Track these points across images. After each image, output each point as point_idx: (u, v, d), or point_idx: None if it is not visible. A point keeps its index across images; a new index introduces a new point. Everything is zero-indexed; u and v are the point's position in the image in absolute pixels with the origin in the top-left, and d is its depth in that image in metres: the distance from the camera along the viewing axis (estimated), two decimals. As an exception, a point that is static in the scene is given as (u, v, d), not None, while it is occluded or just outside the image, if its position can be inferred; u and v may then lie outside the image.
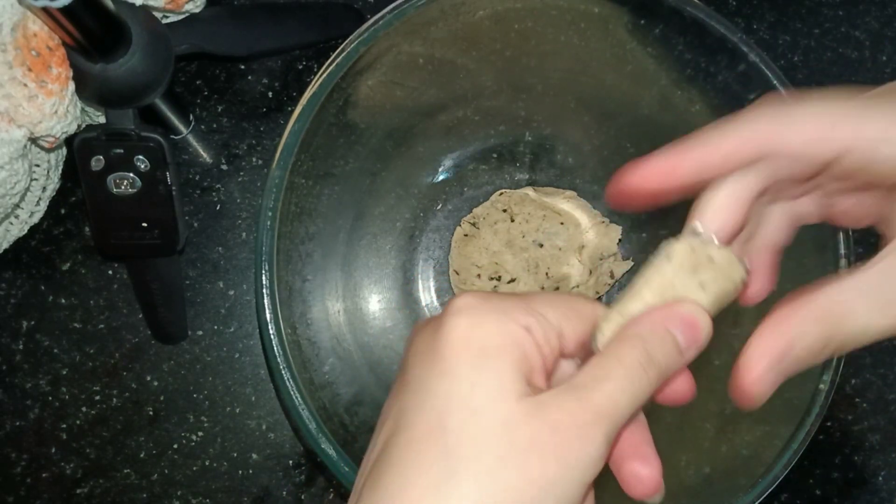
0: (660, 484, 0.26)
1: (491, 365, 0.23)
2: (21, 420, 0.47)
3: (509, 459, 0.22)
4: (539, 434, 0.22)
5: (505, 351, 0.23)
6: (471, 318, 0.24)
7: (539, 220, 0.47)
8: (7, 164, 0.37)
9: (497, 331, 0.24)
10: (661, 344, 0.24)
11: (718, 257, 0.25)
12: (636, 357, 0.23)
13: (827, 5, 0.51)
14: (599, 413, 0.22)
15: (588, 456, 0.22)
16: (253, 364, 0.48)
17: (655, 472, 0.26)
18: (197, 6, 0.43)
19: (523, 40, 0.41)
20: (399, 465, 0.23)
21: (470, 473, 0.22)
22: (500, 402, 0.22)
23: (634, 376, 0.23)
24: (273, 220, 0.36)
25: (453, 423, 0.22)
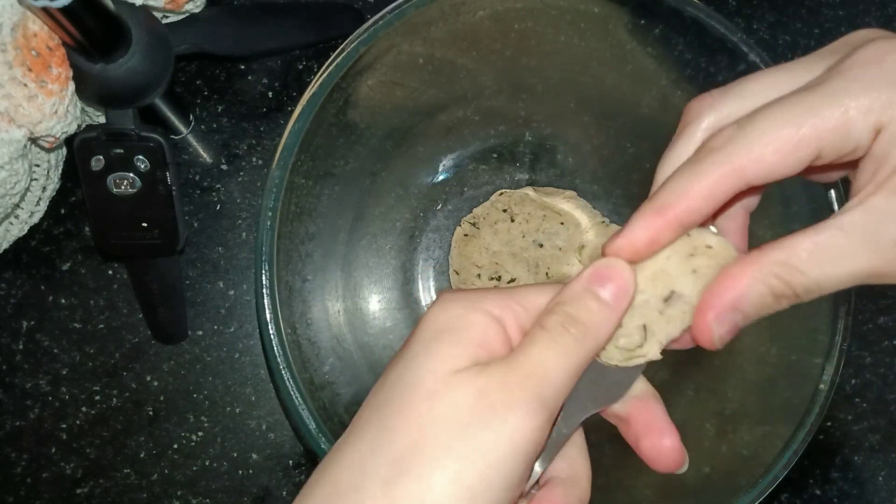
0: (683, 453, 0.26)
1: (439, 344, 0.24)
2: (21, 420, 0.47)
3: (431, 429, 0.22)
4: (463, 401, 0.22)
5: (459, 333, 0.24)
6: (441, 305, 0.25)
7: (539, 220, 0.47)
8: (7, 164, 0.37)
9: (458, 315, 0.24)
10: (579, 302, 0.24)
11: (716, 245, 0.25)
12: (556, 320, 0.24)
13: (827, 5, 0.51)
14: (526, 374, 0.23)
15: (517, 419, 0.22)
16: (253, 364, 0.48)
17: (676, 442, 0.26)
18: (197, 6, 0.43)
19: (523, 40, 0.41)
20: (338, 449, 0.24)
21: (394, 445, 0.22)
22: (434, 374, 0.23)
23: (557, 337, 0.23)
24: (273, 220, 0.36)
25: (393, 400, 0.23)
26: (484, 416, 0.22)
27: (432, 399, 0.22)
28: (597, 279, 0.24)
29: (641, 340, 0.25)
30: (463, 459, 0.22)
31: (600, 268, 0.24)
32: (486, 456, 0.22)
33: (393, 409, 0.23)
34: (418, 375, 0.23)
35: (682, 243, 0.25)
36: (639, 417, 0.26)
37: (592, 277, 0.24)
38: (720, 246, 0.25)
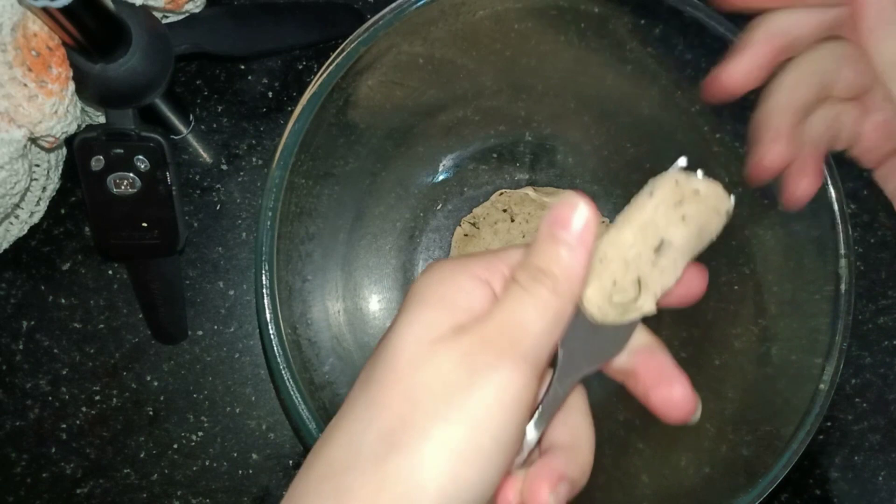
0: (695, 400, 0.25)
1: (420, 310, 0.23)
2: (21, 420, 0.47)
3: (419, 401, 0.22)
4: (444, 366, 0.22)
5: (441, 298, 0.23)
6: (428, 273, 0.24)
7: (539, 220, 0.47)
8: (7, 164, 0.37)
9: (443, 281, 0.24)
10: (544, 251, 0.23)
11: (704, 189, 0.25)
12: (527, 274, 0.23)
13: (827, 5, 0.51)
14: (504, 331, 0.22)
15: (501, 377, 0.22)
16: (253, 364, 0.48)
17: (687, 389, 0.25)
18: (197, 6, 0.42)
19: (523, 40, 0.41)
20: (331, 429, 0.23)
21: (383, 420, 0.22)
22: (415, 342, 0.23)
23: (531, 290, 0.23)
24: (273, 220, 0.36)
25: (377, 372, 0.23)
26: (467, 378, 0.22)
27: (415, 368, 0.22)
28: (557, 222, 0.23)
29: (636, 294, 0.25)
30: (451, 426, 0.21)
31: (558, 210, 0.24)
32: (474, 419, 0.21)
33: (379, 384, 0.23)
34: (401, 346, 0.23)
35: (669, 191, 0.25)
36: (646, 369, 0.26)
37: (553, 222, 0.24)
38: (708, 189, 0.25)
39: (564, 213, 0.23)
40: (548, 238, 0.23)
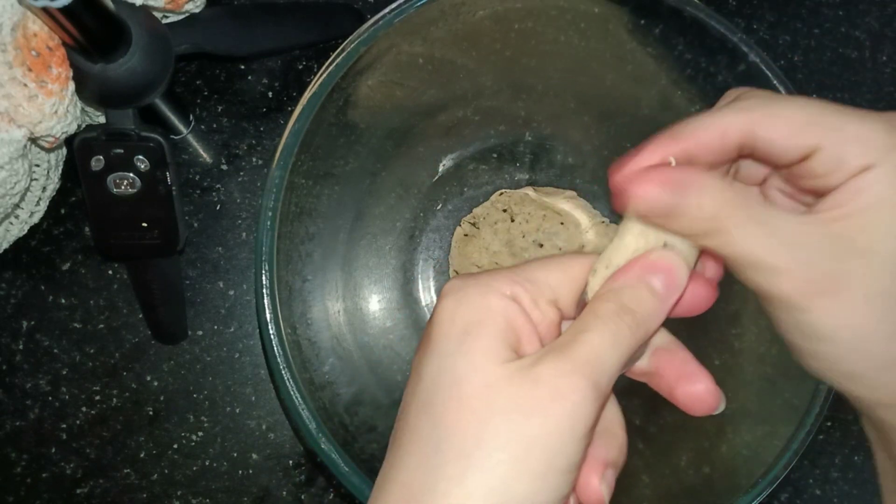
0: (718, 393, 0.26)
1: (473, 338, 0.24)
2: (21, 420, 0.47)
3: (491, 421, 0.22)
4: (521, 391, 0.23)
5: (487, 323, 0.24)
6: (455, 297, 0.25)
7: (539, 220, 0.47)
8: (7, 164, 0.37)
9: (479, 305, 0.24)
10: (634, 293, 0.24)
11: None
12: (611, 308, 0.24)
13: (827, 5, 0.51)
14: (580, 362, 0.23)
15: (574, 405, 0.22)
16: (253, 364, 0.48)
17: (710, 384, 0.26)
18: (197, 6, 0.42)
19: (523, 40, 0.41)
20: (398, 453, 0.24)
21: (455, 441, 0.23)
22: (482, 369, 0.23)
23: (611, 326, 0.24)
24: (273, 220, 0.36)
25: (439, 398, 0.23)
26: (542, 404, 0.22)
27: (487, 391, 0.23)
28: (650, 268, 0.25)
29: None
30: (527, 447, 0.22)
31: (655, 258, 0.25)
32: (549, 441, 0.22)
33: (445, 407, 0.23)
34: (463, 371, 0.23)
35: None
36: (668, 367, 0.27)
37: (646, 267, 0.25)
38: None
39: (661, 264, 0.25)
40: (640, 281, 0.24)
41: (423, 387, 0.24)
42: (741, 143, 0.24)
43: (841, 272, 0.22)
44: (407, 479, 0.23)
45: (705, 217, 0.23)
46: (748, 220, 0.23)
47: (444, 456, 0.23)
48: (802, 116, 0.23)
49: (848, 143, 0.22)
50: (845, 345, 0.23)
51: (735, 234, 0.23)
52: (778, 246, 0.23)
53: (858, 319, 0.23)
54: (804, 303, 0.23)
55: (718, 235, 0.23)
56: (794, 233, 0.23)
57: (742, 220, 0.23)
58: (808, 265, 0.22)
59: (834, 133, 0.23)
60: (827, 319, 0.23)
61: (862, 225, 0.22)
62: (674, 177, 0.23)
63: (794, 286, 0.23)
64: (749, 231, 0.23)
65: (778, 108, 0.23)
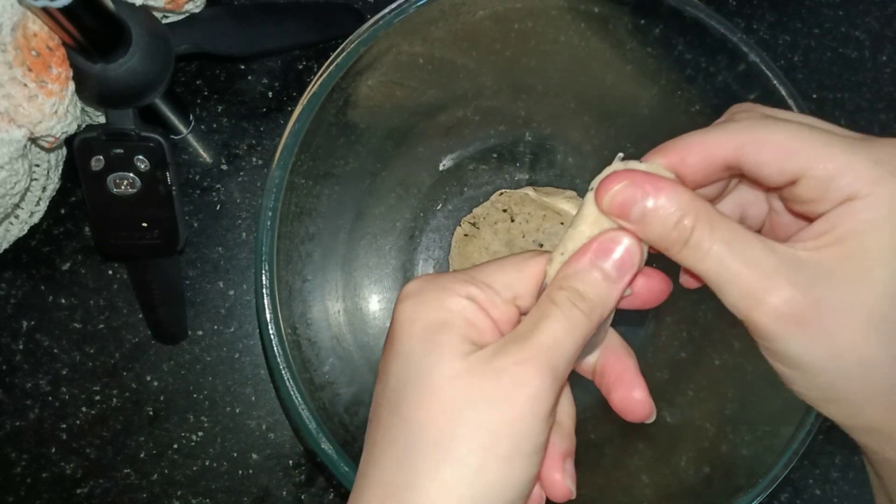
0: (651, 406, 0.27)
1: (436, 336, 0.25)
2: (21, 420, 0.47)
3: (459, 413, 0.23)
4: (485, 382, 0.24)
5: (448, 322, 0.25)
6: (415, 300, 0.26)
7: (539, 220, 0.47)
8: (7, 164, 0.37)
9: (438, 306, 0.25)
10: (586, 277, 0.25)
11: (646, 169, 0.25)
12: (565, 295, 0.25)
13: (827, 5, 0.51)
14: (539, 349, 0.24)
15: (535, 390, 0.23)
16: (253, 364, 0.48)
17: (644, 395, 0.27)
18: (197, 6, 0.42)
19: (523, 40, 0.41)
20: (373, 452, 0.25)
21: (426, 436, 0.24)
22: (446, 364, 0.24)
23: (566, 311, 0.24)
24: (273, 220, 0.36)
25: (408, 395, 0.24)
26: (505, 392, 0.23)
27: (452, 385, 0.24)
28: (601, 252, 0.25)
29: None
30: (494, 434, 0.23)
31: (604, 241, 0.25)
32: (514, 427, 0.23)
33: (413, 404, 0.24)
34: (427, 368, 0.24)
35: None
36: (612, 369, 0.28)
37: (597, 251, 0.25)
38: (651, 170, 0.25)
39: (611, 246, 0.25)
40: (589, 265, 0.25)
41: (391, 387, 0.25)
42: (727, 165, 0.24)
43: (822, 304, 0.22)
44: (383, 478, 0.24)
45: (670, 223, 0.23)
46: (715, 236, 0.23)
47: (417, 451, 0.24)
48: (789, 143, 0.23)
49: (833, 173, 0.22)
50: (824, 375, 0.23)
51: (699, 248, 0.23)
52: (748, 267, 0.23)
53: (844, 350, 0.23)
54: (777, 329, 0.23)
55: (684, 248, 0.23)
56: (769, 257, 0.23)
57: (707, 234, 0.23)
58: (783, 291, 0.22)
59: (819, 162, 0.23)
60: (802, 349, 0.23)
61: (846, 253, 0.22)
62: (642, 177, 0.24)
63: (766, 312, 0.22)
64: (715, 247, 0.23)
65: (766, 133, 0.24)
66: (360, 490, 0.25)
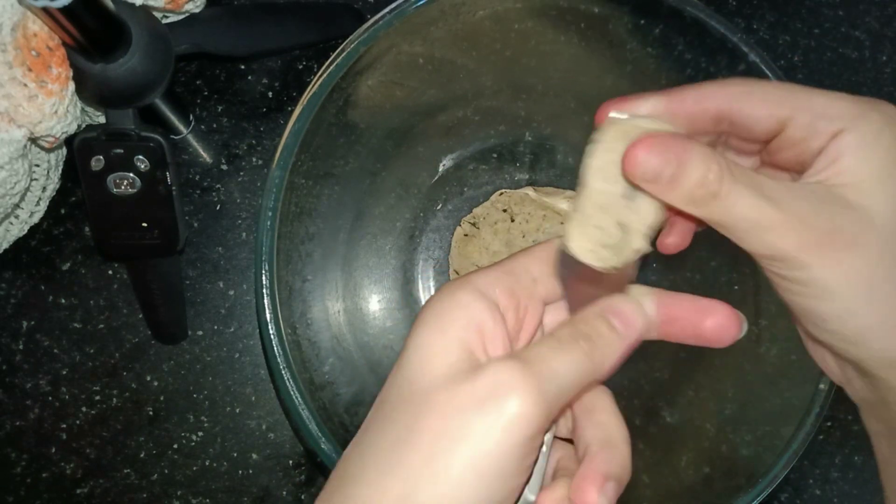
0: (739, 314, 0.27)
1: (428, 333, 0.24)
2: (21, 420, 0.47)
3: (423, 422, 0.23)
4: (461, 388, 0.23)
5: (446, 317, 0.25)
6: (437, 294, 0.26)
7: (539, 220, 0.47)
8: (7, 164, 0.37)
9: (446, 299, 0.25)
10: (591, 323, 0.25)
11: (649, 126, 0.26)
12: (569, 332, 0.25)
13: (827, 5, 0.51)
14: (530, 370, 0.23)
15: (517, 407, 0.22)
16: (253, 364, 0.48)
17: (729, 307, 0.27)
18: (197, 6, 0.42)
19: (523, 40, 0.41)
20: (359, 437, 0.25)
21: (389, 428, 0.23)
22: (428, 368, 0.24)
23: (567, 346, 0.24)
24: (273, 220, 0.36)
25: (391, 395, 0.24)
26: (476, 406, 0.22)
27: (429, 394, 0.23)
28: (609, 310, 0.26)
29: (623, 236, 0.26)
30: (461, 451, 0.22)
31: (614, 303, 0.26)
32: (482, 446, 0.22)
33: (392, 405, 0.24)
34: (411, 370, 0.24)
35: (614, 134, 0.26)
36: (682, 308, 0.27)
37: (606, 307, 0.26)
38: (653, 125, 0.26)
39: (620, 307, 0.26)
40: (598, 315, 0.26)
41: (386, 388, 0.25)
42: (718, 115, 0.25)
43: (838, 226, 0.23)
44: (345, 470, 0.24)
45: (697, 179, 0.24)
46: (738, 183, 0.24)
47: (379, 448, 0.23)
48: (777, 91, 0.25)
49: (818, 113, 0.24)
50: (850, 300, 0.24)
51: (728, 198, 0.24)
52: (772, 205, 0.24)
53: (864, 269, 0.24)
54: (804, 258, 0.23)
55: (712, 202, 0.24)
56: (786, 193, 0.24)
57: (732, 183, 0.24)
58: (805, 220, 0.23)
59: (804, 105, 0.25)
60: (829, 273, 0.24)
61: (849, 183, 0.24)
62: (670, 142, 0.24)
63: (793, 242, 0.23)
64: (741, 193, 0.24)
65: (754, 84, 0.25)
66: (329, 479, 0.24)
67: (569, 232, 0.26)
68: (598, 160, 0.26)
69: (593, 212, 0.26)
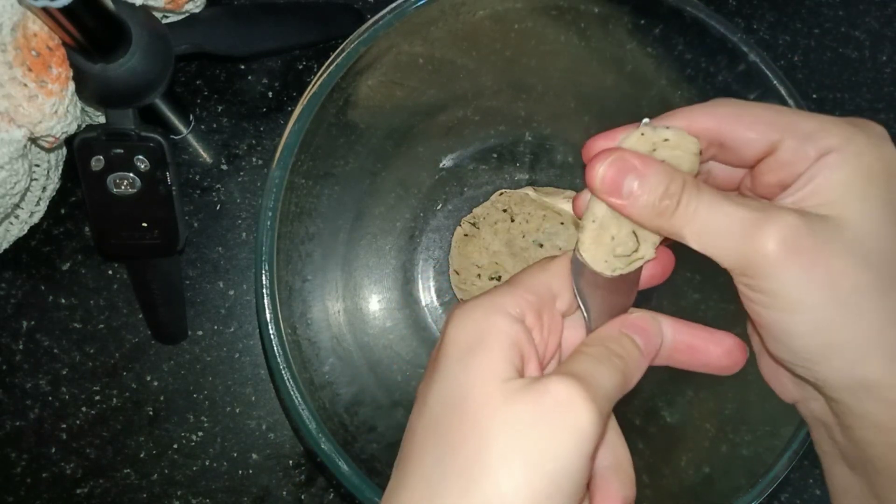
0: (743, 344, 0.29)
1: (476, 356, 0.24)
2: (21, 420, 0.47)
3: (493, 433, 0.22)
4: (522, 407, 0.23)
5: (490, 340, 0.24)
6: (460, 320, 0.25)
7: (539, 220, 0.47)
8: (7, 164, 0.37)
9: (483, 324, 0.25)
10: (619, 341, 0.26)
11: (672, 136, 0.26)
12: (600, 350, 0.25)
13: (827, 5, 0.51)
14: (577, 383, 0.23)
15: (585, 423, 0.22)
16: (253, 364, 0.48)
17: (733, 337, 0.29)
18: (197, 6, 0.42)
19: (523, 40, 0.41)
20: (401, 474, 0.24)
21: (458, 457, 0.22)
22: (484, 384, 0.23)
23: (604, 361, 0.25)
24: (273, 220, 0.36)
25: (444, 417, 0.23)
26: (543, 421, 0.22)
27: (488, 409, 0.23)
28: (630, 327, 0.27)
29: (636, 245, 0.27)
30: (530, 465, 0.22)
31: (637, 320, 0.27)
32: (552, 460, 0.22)
33: (448, 426, 0.23)
34: (466, 389, 0.23)
35: (638, 143, 0.26)
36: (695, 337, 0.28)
37: (629, 325, 0.27)
38: (676, 135, 0.26)
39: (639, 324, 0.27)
40: (621, 333, 0.26)
41: (428, 409, 0.24)
42: (710, 139, 0.26)
43: (808, 237, 0.23)
44: (409, 498, 0.23)
45: (659, 191, 0.24)
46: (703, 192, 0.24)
47: (446, 472, 0.22)
48: (767, 114, 0.25)
49: (807, 136, 0.24)
50: (819, 312, 0.24)
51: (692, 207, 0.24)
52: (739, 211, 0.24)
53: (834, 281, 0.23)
54: (770, 266, 0.23)
55: (677, 213, 0.24)
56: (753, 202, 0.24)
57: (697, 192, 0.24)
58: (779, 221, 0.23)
59: (794, 128, 0.25)
60: (798, 283, 0.23)
61: (824, 201, 0.24)
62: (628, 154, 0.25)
63: (760, 251, 0.23)
64: (707, 201, 0.24)
65: (746, 107, 0.25)
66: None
67: (583, 243, 0.26)
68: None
69: (609, 222, 0.26)
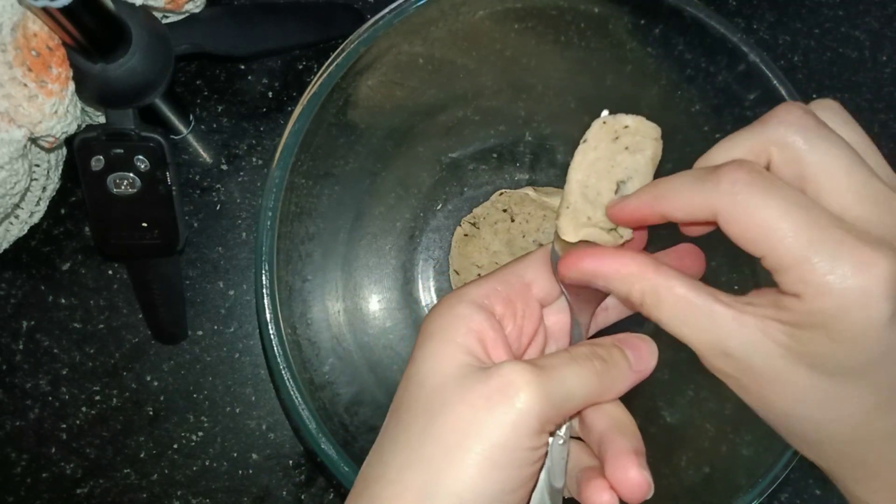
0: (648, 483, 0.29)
1: (434, 343, 0.26)
2: (21, 420, 0.47)
3: (440, 416, 0.24)
4: (472, 386, 0.24)
5: (448, 330, 0.26)
6: (432, 311, 0.27)
7: (539, 220, 0.47)
8: (7, 164, 0.37)
9: (444, 315, 0.26)
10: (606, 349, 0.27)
11: (632, 123, 0.27)
12: (584, 351, 0.26)
13: (827, 5, 0.51)
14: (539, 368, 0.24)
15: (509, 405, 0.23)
16: (253, 364, 0.48)
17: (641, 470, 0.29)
18: (197, 6, 0.42)
19: (523, 40, 0.41)
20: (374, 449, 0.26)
21: (408, 436, 0.24)
22: (440, 370, 0.25)
23: (580, 361, 0.25)
24: (273, 220, 0.36)
25: (405, 400, 0.25)
26: (487, 400, 0.24)
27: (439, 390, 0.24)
28: (626, 343, 0.27)
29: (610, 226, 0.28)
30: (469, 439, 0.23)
31: (632, 338, 0.27)
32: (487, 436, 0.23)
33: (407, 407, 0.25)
34: (423, 375, 0.25)
35: (600, 132, 0.27)
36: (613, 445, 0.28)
37: (623, 340, 0.27)
38: (636, 122, 0.27)
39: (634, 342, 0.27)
40: (613, 345, 0.27)
41: (398, 394, 0.26)
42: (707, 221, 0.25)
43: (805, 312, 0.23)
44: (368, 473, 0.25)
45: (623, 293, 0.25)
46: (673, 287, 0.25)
47: (396, 449, 0.24)
48: (755, 231, 0.23)
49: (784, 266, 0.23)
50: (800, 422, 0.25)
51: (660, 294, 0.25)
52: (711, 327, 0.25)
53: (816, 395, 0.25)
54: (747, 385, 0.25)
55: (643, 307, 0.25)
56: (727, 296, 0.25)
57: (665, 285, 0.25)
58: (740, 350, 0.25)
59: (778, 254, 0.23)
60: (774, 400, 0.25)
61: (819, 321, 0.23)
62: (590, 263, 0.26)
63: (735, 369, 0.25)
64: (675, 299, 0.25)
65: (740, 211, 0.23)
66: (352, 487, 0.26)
67: (561, 226, 0.27)
68: (587, 156, 0.27)
69: (583, 206, 0.27)
